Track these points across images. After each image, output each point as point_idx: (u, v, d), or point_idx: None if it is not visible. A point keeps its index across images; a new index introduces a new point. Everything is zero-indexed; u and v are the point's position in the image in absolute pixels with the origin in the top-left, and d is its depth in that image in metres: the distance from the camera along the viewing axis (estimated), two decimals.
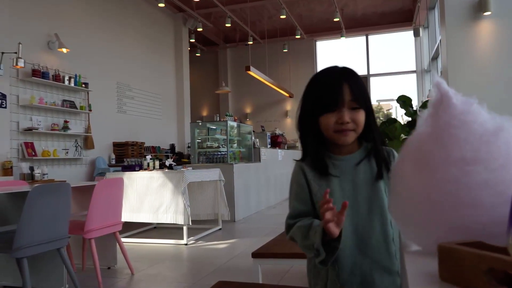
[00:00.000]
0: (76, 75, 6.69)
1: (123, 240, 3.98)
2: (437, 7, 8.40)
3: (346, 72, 1.20)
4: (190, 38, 10.80)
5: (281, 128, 11.48)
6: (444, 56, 5.27)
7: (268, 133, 9.29)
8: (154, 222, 5.25)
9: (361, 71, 11.97)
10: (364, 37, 12.06)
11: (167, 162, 5.30)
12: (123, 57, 8.24)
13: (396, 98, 5.26)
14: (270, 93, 11.74)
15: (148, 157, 5.38)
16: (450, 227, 0.67)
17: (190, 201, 5.06)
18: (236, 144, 7.61)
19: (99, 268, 3.17)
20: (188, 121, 10.00)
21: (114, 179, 3.52)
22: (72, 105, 6.67)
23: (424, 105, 4.34)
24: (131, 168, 5.23)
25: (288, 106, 12.39)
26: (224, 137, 7.14)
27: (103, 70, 7.62)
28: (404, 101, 5.04)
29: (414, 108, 4.87)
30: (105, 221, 3.30)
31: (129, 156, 7.32)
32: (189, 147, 8.22)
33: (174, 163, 5.39)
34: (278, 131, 10.34)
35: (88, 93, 7.05)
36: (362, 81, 1.20)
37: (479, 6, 4.92)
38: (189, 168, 5.33)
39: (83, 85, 6.82)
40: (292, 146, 10.71)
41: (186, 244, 4.62)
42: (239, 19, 10.41)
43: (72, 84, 6.54)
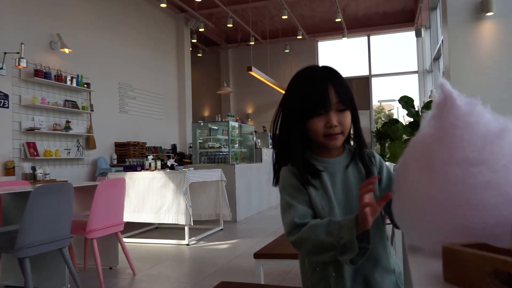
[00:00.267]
0: (78, 75, 6.70)
1: (125, 240, 3.99)
2: (439, 8, 8.39)
3: (330, 73, 1.16)
4: (192, 39, 10.82)
5: None
6: (446, 57, 5.26)
7: (270, 134, 9.29)
8: (156, 222, 5.26)
9: (363, 72, 11.99)
10: (366, 38, 12.04)
11: (169, 163, 5.31)
12: (125, 58, 8.26)
13: (398, 99, 5.26)
14: (272, 94, 11.72)
15: (150, 157, 5.39)
16: (454, 228, 0.67)
17: (192, 202, 5.07)
18: (238, 145, 7.62)
19: (101, 268, 3.18)
20: (190, 121, 10.02)
21: (116, 179, 3.53)
22: (74, 105, 6.68)
23: (426, 106, 4.33)
24: (133, 168, 5.24)
25: None
26: (226, 138, 7.14)
27: (105, 70, 7.63)
28: (406, 102, 5.03)
29: (416, 109, 4.87)
30: (107, 221, 3.31)
31: (131, 156, 7.33)
32: (191, 148, 8.23)
33: (176, 164, 5.39)
34: None
35: (90, 93, 7.06)
36: (345, 81, 1.16)
37: (482, 7, 4.91)
38: (191, 169, 5.33)
39: (85, 85, 6.83)
40: None
41: (188, 245, 4.62)
42: (241, 20, 10.42)
43: (74, 84, 6.56)
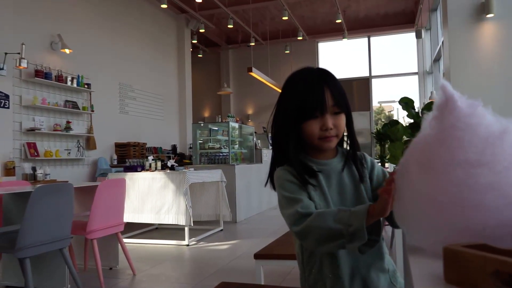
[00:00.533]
0: (79, 76, 6.71)
1: (125, 241, 3.99)
2: (440, 9, 8.40)
3: (326, 76, 1.16)
4: (192, 39, 10.82)
5: None
6: (447, 58, 5.27)
7: (269, 134, 9.28)
8: (156, 223, 5.26)
9: (363, 73, 11.99)
10: (366, 39, 12.05)
11: (169, 163, 5.31)
12: (126, 58, 8.26)
13: (398, 100, 5.26)
14: (272, 95, 11.71)
15: (150, 158, 5.39)
16: (455, 229, 0.67)
17: (192, 202, 5.07)
18: (238, 145, 7.62)
19: (101, 269, 3.18)
20: (190, 122, 10.03)
21: (116, 180, 3.53)
22: (75, 106, 6.69)
23: (426, 107, 4.34)
24: (133, 169, 5.24)
25: None
26: (226, 138, 7.14)
27: (106, 71, 7.64)
28: (406, 103, 5.03)
29: (416, 110, 4.87)
30: (107, 222, 3.31)
31: (131, 157, 7.33)
32: (191, 148, 8.23)
33: (176, 164, 5.40)
34: None
35: (91, 94, 7.07)
36: (340, 83, 1.17)
37: (482, 8, 4.92)
38: (191, 169, 5.34)
39: (86, 86, 6.84)
40: None
41: (188, 245, 4.62)
42: (241, 20, 10.42)
43: (75, 85, 6.56)
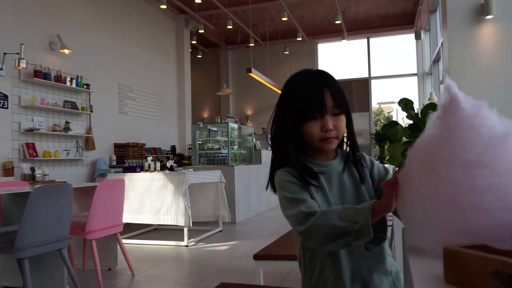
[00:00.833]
0: (78, 76, 6.70)
1: (124, 241, 3.98)
2: (439, 10, 8.41)
3: (325, 77, 1.16)
4: (192, 40, 10.83)
5: None
6: (446, 59, 5.27)
7: (269, 135, 9.27)
8: (155, 224, 5.26)
9: (363, 74, 12.00)
10: (366, 40, 12.06)
11: (168, 164, 5.30)
12: (125, 59, 8.26)
13: (398, 101, 5.26)
14: (271, 95, 11.72)
15: (149, 158, 5.38)
16: (455, 230, 0.67)
17: (191, 203, 5.06)
18: (237, 146, 7.62)
19: (100, 269, 3.18)
20: (189, 123, 10.02)
21: (115, 180, 3.52)
22: (74, 106, 6.68)
23: (426, 108, 4.34)
24: (132, 169, 5.23)
25: None
26: (225, 139, 7.14)
27: (105, 71, 7.63)
28: (406, 104, 5.04)
29: (416, 111, 4.87)
30: (106, 222, 3.31)
31: (130, 157, 7.33)
32: (190, 149, 8.22)
33: (175, 165, 5.39)
34: None
35: (90, 94, 7.06)
36: (339, 84, 1.17)
37: (481, 10, 4.92)
38: (190, 170, 5.33)
39: (85, 86, 6.83)
40: None
41: (187, 246, 4.62)
42: (241, 21, 10.43)
43: (74, 85, 6.55)
